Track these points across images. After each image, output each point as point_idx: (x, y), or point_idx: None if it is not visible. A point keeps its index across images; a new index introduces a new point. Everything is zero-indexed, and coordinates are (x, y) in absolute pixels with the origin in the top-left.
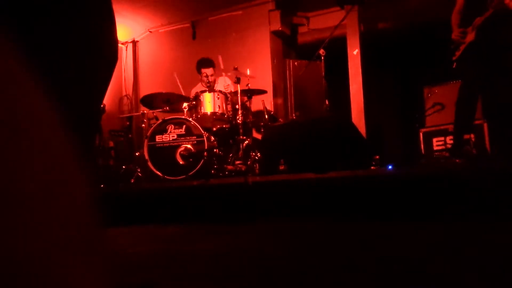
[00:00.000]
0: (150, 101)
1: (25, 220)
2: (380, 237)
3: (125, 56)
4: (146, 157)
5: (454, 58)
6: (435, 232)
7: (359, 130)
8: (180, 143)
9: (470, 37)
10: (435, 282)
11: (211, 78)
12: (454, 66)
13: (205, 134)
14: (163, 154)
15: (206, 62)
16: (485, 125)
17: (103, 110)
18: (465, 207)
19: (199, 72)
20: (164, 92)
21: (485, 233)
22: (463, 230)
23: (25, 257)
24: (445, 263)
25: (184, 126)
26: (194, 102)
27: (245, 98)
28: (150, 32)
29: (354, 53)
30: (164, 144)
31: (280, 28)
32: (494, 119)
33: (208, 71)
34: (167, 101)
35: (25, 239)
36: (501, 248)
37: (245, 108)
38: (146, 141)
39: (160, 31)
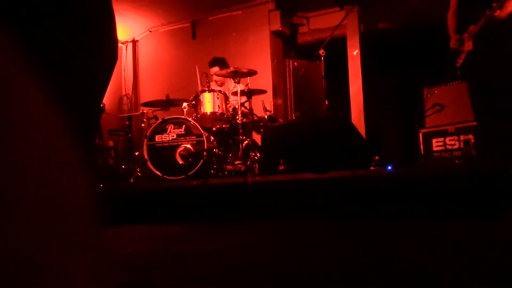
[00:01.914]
0: (150, 102)
1: (25, 220)
2: (380, 237)
3: (125, 55)
4: (146, 156)
5: (457, 65)
6: (435, 232)
7: (359, 130)
8: (179, 143)
9: (468, 45)
10: (435, 282)
11: (216, 78)
12: (458, 73)
13: (205, 134)
14: (163, 154)
15: (212, 61)
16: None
17: (102, 109)
18: (465, 207)
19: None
20: (164, 99)
21: (485, 233)
22: (463, 230)
23: (25, 257)
24: (445, 263)
25: (183, 126)
26: (194, 102)
27: (245, 98)
28: (150, 31)
29: (354, 53)
30: (164, 144)
31: (280, 28)
32: (489, 121)
33: (214, 69)
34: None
35: (25, 238)
36: (501, 248)
37: (245, 108)
38: (145, 140)
39: (160, 30)
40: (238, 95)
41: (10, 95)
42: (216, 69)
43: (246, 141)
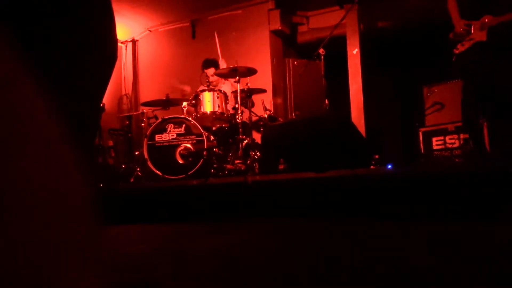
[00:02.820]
0: (150, 102)
1: (25, 220)
2: (379, 236)
3: (124, 55)
4: (146, 156)
5: (456, 51)
6: (435, 232)
7: (359, 129)
8: (179, 142)
9: (480, 35)
10: (435, 282)
11: (211, 79)
12: (453, 59)
13: (205, 134)
14: (163, 153)
15: (207, 63)
16: (485, 124)
17: (102, 109)
18: (465, 207)
19: (203, 72)
20: (164, 98)
21: (485, 233)
22: (463, 230)
23: (25, 257)
24: (445, 263)
25: (183, 125)
26: (194, 101)
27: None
28: (150, 31)
29: (353, 52)
30: (164, 143)
31: (279, 28)
32: (495, 119)
33: (209, 71)
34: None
35: (24, 238)
36: (501, 248)
37: (245, 108)
38: (145, 140)
39: (159, 30)
40: (238, 94)
41: (10, 95)
42: (212, 70)
43: (246, 141)
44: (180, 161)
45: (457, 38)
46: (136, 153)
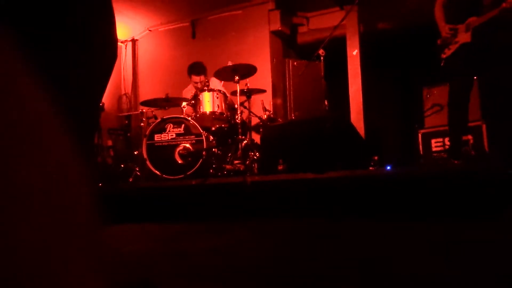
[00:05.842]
0: (150, 102)
1: (24, 219)
2: (379, 237)
3: (124, 54)
4: (145, 156)
5: (443, 56)
6: (435, 232)
7: (358, 130)
8: (179, 142)
9: (465, 37)
10: (435, 283)
11: (200, 85)
12: (442, 64)
13: (204, 134)
14: (162, 153)
15: (196, 68)
16: (484, 126)
17: (102, 108)
18: (465, 207)
19: (190, 76)
20: (163, 97)
21: (485, 233)
22: (463, 230)
23: (25, 256)
24: (445, 263)
25: (183, 125)
26: (193, 101)
27: (244, 98)
28: (150, 31)
29: (353, 53)
30: (163, 143)
31: (279, 28)
32: (493, 120)
33: (198, 78)
34: (166, 100)
35: (24, 237)
36: (501, 248)
37: (244, 108)
38: (144, 140)
39: (159, 30)
40: (238, 94)
41: (9, 95)
42: (201, 78)
43: (245, 141)
44: (179, 161)
45: (444, 43)
46: (135, 152)
